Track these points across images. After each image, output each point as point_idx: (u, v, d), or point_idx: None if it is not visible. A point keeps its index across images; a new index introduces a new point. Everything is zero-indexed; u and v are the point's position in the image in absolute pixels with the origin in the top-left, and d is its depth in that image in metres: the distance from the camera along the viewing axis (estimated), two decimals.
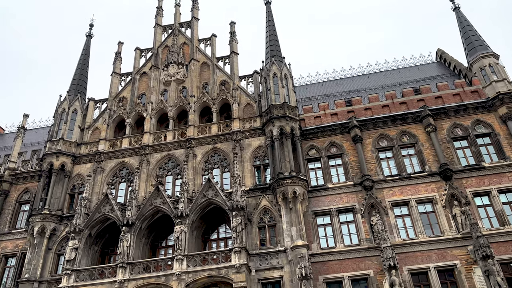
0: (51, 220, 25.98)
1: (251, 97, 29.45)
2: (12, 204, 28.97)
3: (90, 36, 35.52)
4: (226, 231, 25.55)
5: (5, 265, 26.92)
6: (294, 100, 28.12)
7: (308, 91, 36.43)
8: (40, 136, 37.17)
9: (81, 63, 33.79)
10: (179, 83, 31.36)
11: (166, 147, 28.25)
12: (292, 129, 26.39)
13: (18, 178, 29.83)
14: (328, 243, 23.72)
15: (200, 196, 24.41)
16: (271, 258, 22.97)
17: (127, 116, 30.43)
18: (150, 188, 26.31)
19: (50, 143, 28.81)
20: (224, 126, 28.43)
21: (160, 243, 26.12)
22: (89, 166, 28.52)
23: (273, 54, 29.93)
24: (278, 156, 25.24)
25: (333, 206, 24.64)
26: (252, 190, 25.38)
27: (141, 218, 24.52)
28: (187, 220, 23.67)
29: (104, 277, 22.94)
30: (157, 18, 34.94)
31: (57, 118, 30.12)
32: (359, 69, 38.87)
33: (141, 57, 33.61)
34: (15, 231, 27.72)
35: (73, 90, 31.62)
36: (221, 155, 27.43)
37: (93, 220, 24.80)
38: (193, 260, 22.53)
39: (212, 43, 32.59)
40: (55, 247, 25.74)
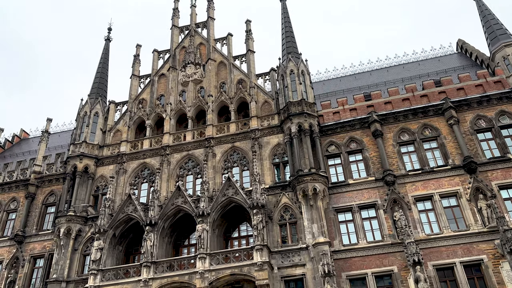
0: (76, 221, 26.59)
1: (268, 95, 29.43)
2: (38, 206, 29.79)
3: (108, 40, 36.12)
4: (247, 229, 25.65)
5: (34, 266, 27.70)
6: (312, 97, 27.95)
7: (326, 87, 36.16)
8: (63, 140, 38.08)
9: (100, 66, 34.40)
10: (196, 83, 31.59)
11: (185, 147, 28.52)
12: (311, 125, 26.24)
13: (43, 181, 30.64)
14: (350, 240, 23.52)
15: (221, 195, 24.56)
16: (293, 256, 22.94)
17: (147, 117, 30.84)
18: (171, 188, 26.63)
19: (73, 146, 29.47)
20: (242, 124, 28.51)
21: (183, 242, 26.41)
22: (111, 167, 29.05)
23: (289, 51, 29.80)
24: (297, 153, 25.15)
25: (355, 202, 24.41)
26: (271, 188, 25.37)
27: (164, 218, 24.84)
28: (208, 218, 23.85)
29: (129, 276, 23.34)
30: (173, 19, 35.26)
31: (79, 122, 30.77)
32: (378, 62, 38.35)
33: (159, 58, 33.98)
34: (42, 233, 28.50)
35: (94, 94, 32.23)
36: (240, 154, 27.52)
37: (117, 221, 25.26)
38: (215, 259, 22.71)
39: (228, 42, 32.68)
40: (81, 248, 26.34)
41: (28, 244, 28.28)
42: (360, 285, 22.18)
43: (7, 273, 27.31)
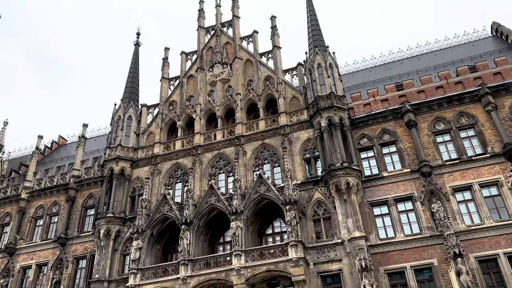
0: (115, 222, 27.42)
1: (296, 90, 29.23)
2: (78, 209, 30.92)
3: (138, 45, 36.90)
4: (280, 225, 25.63)
5: (77, 267, 28.78)
6: (341, 89, 27.54)
7: (355, 79, 35.56)
8: (99, 144, 39.34)
9: (131, 71, 35.23)
10: (224, 83, 31.81)
11: (216, 146, 28.81)
12: (341, 119, 25.87)
13: (82, 185, 31.77)
14: (387, 234, 23.07)
15: (253, 192, 24.66)
16: (328, 251, 22.76)
17: (178, 118, 31.35)
18: (204, 187, 26.98)
19: (109, 149, 30.38)
20: (271, 121, 28.47)
21: (218, 240, 26.73)
22: (146, 169, 29.74)
23: (316, 45, 29.46)
24: (328, 148, 24.88)
25: (390, 196, 23.90)
26: (303, 184, 25.23)
27: (198, 216, 25.21)
28: (242, 216, 24.01)
29: (168, 275, 23.86)
30: (199, 20, 35.61)
31: (114, 126, 31.66)
32: (408, 51, 37.34)
33: (187, 60, 34.42)
34: (83, 235, 29.56)
35: (127, 98, 33.06)
36: (270, 151, 27.51)
37: (154, 220, 25.86)
38: (250, 255, 22.84)
39: (254, 40, 32.68)
40: (120, 248, 27.15)
41: (71, 245, 29.42)
42: (399, 279, 21.73)
43: (52, 274, 28.52)
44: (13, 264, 29.84)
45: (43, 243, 30.16)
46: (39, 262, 29.47)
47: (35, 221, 31.81)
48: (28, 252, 30.11)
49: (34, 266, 29.38)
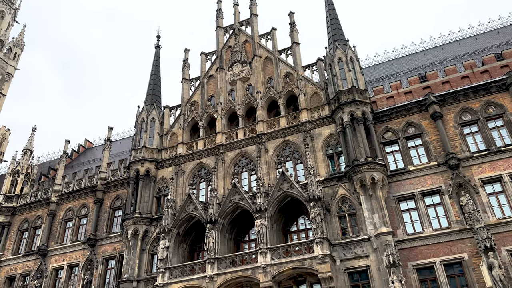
0: (142, 222, 27.91)
1: (317, 86, 28.99)
2: (106, 210, 31.63)
3: (158, 47, 37.37)
4: (305, 222, 25.52)
5: (106, 267, 29.47)
6: (363, 83, 27.14)
7: (378, 72, 34.99)
8: (124, 146, 40.10)
9: (153, 73, 35.73)
10: (244, 81, 31.86)
11: (238, 145, 28.90)
12: (364, 113, 25.50)
13: (109, 187, 32.47)
14: (415, 228, 22.64)
15: (276, 190, 24.62)
16: (355, 247, 22.52)
17: (200, 119, 31.61)
18: (228, 186, 27.13)
19: (134, 151, 30.93)
20: (292, 118, 28.34)
21: (243, 238, 26.84)
22: (170, 169, 30.13)
23: (335, 39, 29.12)
24: (351, 143, 24.57)
25: (417, 190, 23.41)
26: (327, 180, 25.02)
27: (223, 215, 25.37)
28: (266, 214, 24.03)
29: (195, 273, 24.11)
30: (217, 20, 35.76)
31: (138, 128, 32.21)
32: (431, 41, 36.44)
33: (207, 60, 34.63)
34: (111, 235, 30.23)
35: (149, 100, 33.57)
36: (292, 148, 27.40)
37: (180, 220, 26.19)
38: (276, 253, 22.84)
39: (272, 37, 32.59)
40: (148, 248, 27.62)
41: (100, 246, 30.13)
42: (428, 274, 21.29)
43: (83, 274, 29.28)
44: (45, 265, 30.81)
45: (74, 245, 31.01)
46: (70, 263, 30.33)
47: (65, 223, 32.74)
48: (60, 254, 31.03)
49: (66, 267, 30.25)
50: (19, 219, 34.34)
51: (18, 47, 60.35)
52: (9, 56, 58.62)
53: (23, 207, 34.54)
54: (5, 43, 58.81)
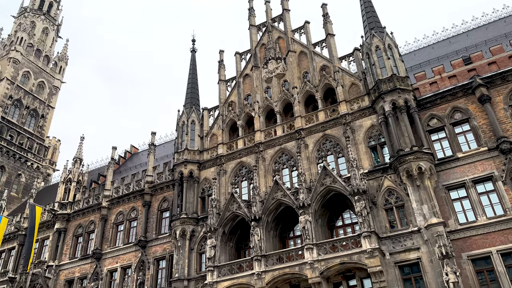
0: (189, 223, 28.54)
1: (355, 76, 28.35)
2: (155, 212, 32.65)
3: (194, 51, 37.98)
4: (350, 216, 25.08)
5: (158, 268, 30.41)
6: (403, 70, 26.24)
7: (418, 57, 33.76)
8: (167, 150, 41.21)
9: (190, 77, 36.38)
10: (280, 78, 31.73)
11: (277, 142, 28.84)
12: (406, 101, 24.66)
13: (156, 189, 33.48)
14: (467, 218, 21.68)
15: (318, 185, 24.36)
16: (404, 240, 21.89)
17: (238, 118, 31.85)
18: (269, 183, 27.17)
19: (177, 154, 31.69)
20: (331, 111, 27.89)
21: (288, 234, 26.79)
22: (212, 170, 30.61)
23: (372, 27, 28.33)
24: (395, 133, 23.84)
25: (467, 177, 22.37)
26: (371, 172, 24.44)
27: (266, 212, 25.44)
28: (309, 209, 23.85)
29: (243, 271, 24.36)
30: (250, 19, 35.84)
31: (179, 131, 32.96)
32: (474, 21, 34.65)
33: (241, 60, 34.80)
34: (161, 236, 31.17)
35: (188, 103, 34.23)
36: (332, 141, 26.98)
37: (225, 219, 26.55)
38: (322, 248, 22.62)
39: (306, 31, 32.21)
40: (196, 247, 28.22)
41: (150, 248, 31.14)
42: (484, 264, 20.34)
43: (136, 275, 30.39)
44: (100, 268, 32.27)
45: (126, 247, 32.25)
46: (123, 265, 31.57)
47: (116, 226, 34.11)
48: (113, 256, 32.38)
49: (119, 269, 31.52)
50: (73, 225, 36.17)
51: (63, 61, 63.59)
52: (55, 70, 61.91)
53: (77, 213, 36.33)
54: (51, 58, 62.16)
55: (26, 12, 63.86)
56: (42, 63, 60.20)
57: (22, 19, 63.03)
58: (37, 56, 59.93)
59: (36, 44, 60.58)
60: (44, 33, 64.03)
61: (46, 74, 60.35)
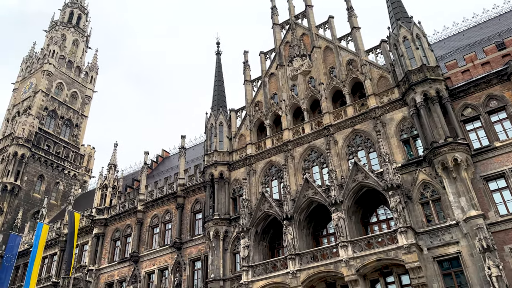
0: (221, 223, 28.81)
1: (383, 69, 27.76)
2: (188, 214, 33.16)
3: (219, 54, 38.27)
4: (385, 212, 24.60)
5: (194, 269, 30.88)
6: (433, 60, 25.48)
7: (448, 46, 32.69)
8: (197, 152, 41.76)
9: (216, 79, 36.70)
10: (305, 75, 31.49)
11: (306, 139, 28.64)
12: (438, 91, 23.93)
13: (188, 192, 33.99)
14: (508, 209, 20.86)
15: (350, 181, 24.01)
16: (442, 234, 21.28)
17: (265, 118, 31.86)
18: (300, 181, 27.03)
19: (207, 156, 32.05)
20: (359, 106, 27.43)
21: (321, 232, 26.57)
22: (242, 170, 30.76)
23: (398, 17, 27.66)
24: (428, 124, 23.19)
25: (507, 167, 21.52)
26: (405, 166, 23.88)
27: (298, 211, 25.33)
28: (342, 206, 23.57)
29: (277, 270, 24.36)
30: (273, 18, 35.76)
31: (208, 133, 33.33)
32: (506, 5, 33.17)
33: (266, 59, 34.77)
34: (195, 238, 31.62)
35: (216, 106, 34.55)
36: (362, 136, 26.53)
37: (257, 218, 26.63)
38: (357, 245, 22.31)
39: (330, 25, 31.82)
40: (230, 247, 28.45)
41: (186, 249, 31.65)
42: None
43: (173, 277, 30.96)
44: (138, 270, 33.06)
45: (162, 249, 32.90)
46: (160, 267, 32.22)
47: (152, 229, 34.87)
48: (150, 259, 33.11)
49: (157, 271, 32.19)
50: (111, 229, 37.23)
51: (93, 71, 65.59)
52: (86, 80, 63.95)
53: (114, 217, 37.38)
54: (82, 69, 64.25)
55: (56, 26, 66.29)
56: (74, 74, 62.29)
57: (53, 32, 65.46)
58: (69, 68, 62.07)
59: (67, 56, 62.75)
60: (74, 45, 66.24)
61: (78, 84, 62.41)
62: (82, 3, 71.53)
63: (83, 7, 71.33)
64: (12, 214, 47.10)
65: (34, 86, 57.99)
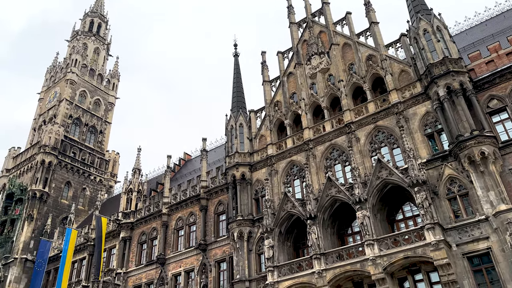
0: (245, 224, 28.89)
1: (404, 63, 27.27)
2: (212, 216, 33.39)
3: (237, 55, 38.40)
4: (411, 209, 24.16)
5: (219, 270, 31.07)
6: (455, 51, 24.87)
7: (471, 36, 31.84)
8: (219, 154, 42.01)
9: (235, 81, 36.83)
10: (324, 72, 31.25)
11: (327, 138, 28.42)
12: (461, 83, 23.35)
13: (211, 194, 34.24)
14: None
15: (374, 179, 23.68)
16: (471, 230, 20.76)
17: (285, 117, 31.78)
18: (322, 180, 26.83)
19: (228, 158, 32.21)
20: (381, 101, 27.03)
21: (346, 231, 26.29)
22: (264, 171, 30.77)
23: (417, 10, 27.14)
24: (452, 118, 22.65)
25: None
26: (430, 161, 23.39)
27: (321, 210, 25.14)
28: (366, 204, 23.27)
29: (303, 270, 24.24)
30: (289, 17, 35.66)
31: (228, 135, 33.50)
32: None
33: (284, 59, 34.70)
34: (219, 239, 31.81)
35: (235, 107, 34.68)
36: (385, 132, 26.14)
37: (280, 219, 26.58)
38: (384, 243, 21.98)
39: (348, 22, 31.49)
40: (254, 248, 28.50)
41: (211, 250, 31.88)
42: None
43: (199, 278, 31.23)
44: (165, 273, 33.50)
45: (187, 251, 33.24)
46: (186, 268, 32.56)
47: (177, 232, 35.27)
48: (176, 261, 33.50)
49: (183, 273, 32.54)
50: (137, 233, 37.85)
51: (115, 78, 66.87)
52: (108, 87, 65.25)
53: (139, 221, 38.00)
54: (103, 76, 65.60)
55: (78, 35, 67.88)
56: (96, 82, 63.65)
57: (75, 42, 67.05)
58: (91, 76, 63.47)
59: (89, 64, 64.18)
60: (95, 53, 67.69)
61: (101, 91, 63.74)
62: (101, 12, 73.05)
63: (103, 15, 72.82)
64: (42, 221, 48.47)
65: (58, 95, 59.55)
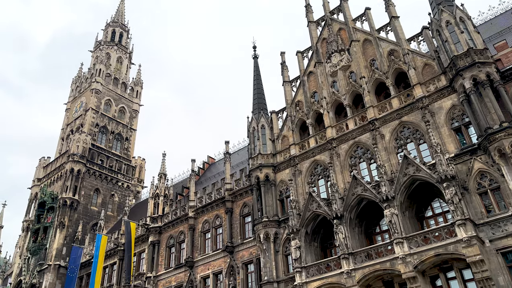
0: (271, 226, 28.86)
1: (427, 56, 26.67)
2: (237, 218, 33.53)
3: (256, 57, 38.44)
4: (441, 205, 23.56)
5: (247, 272, 31.13)
6: (480, 42, 24.15)
7: (495, 26, 30.85)
8: (242, 157, 42.16)
9: (255, 83, 36.90)
10: (345, 70, 30.91)
11: (350, 136, 28.08)
12: (488, 75, 22.64)
13: (235, 196, 34.39)
14: None
15: (401, 176, 23.23)
16: (505, 225, 20.09)
17: (307, 117, 31.59)
18: (347, 179, 26.53)
19: (251, 160, 32.28)
20: (405, 96, 26.51)
21: (374, 230, 25.88)
22: (287, 171, 30.67)
23: (439, 2, 26.50)
24: (480, 110, 21.98)
25: None
26: (458, 156, 22.77)
27: (348, 209, 24.85)
28: (394, 202, 22.86)
29: (331, 270, 24.01)
30: (307, 16, 35.49)
31: (251, 137, 33.58)
32: None
33: (303, 58, 34.54)
34: (246, 241, 31.90)
35: (256, 109, 34.75)
36: (411, 128, 25.61)
37: (306, 219, 26.41)
38: (413, 241, 21.52)
39: (368, 17, 31.06)
40: (281, 249, 28.42)
41: (238, 252, 31.99)
42: None
43: (227, 280, 31.39)
44: (194, 275, 33.83)
45: (215, 254, 33.48)
46: (214, 271, 32.80)
47: (204, 235, 35.59)
48: (204, 264, 33.79)
49: (211, 275, 32.79)
50: (165, 237, 38.40)
51: (138, 86, 68.19)
52: (132, 95, 66.58)
53: (167, 225, 38.53)
54: (127, 85, 67.00)
55: (100, 45, 69.63)
56: (120, 90, 65.06)
57: (98, 52, 68.77)
58: (115, 84, 64.91)
59: (112, 73, 65.67)
60: (118, 62, 69.22)
61: (125, 99, 65.10)
62: (122, 22, 74.66)
63: (124, 25, 74.40)
64: (73, 228, 49.84)
65: (84, 105, 61.19)
